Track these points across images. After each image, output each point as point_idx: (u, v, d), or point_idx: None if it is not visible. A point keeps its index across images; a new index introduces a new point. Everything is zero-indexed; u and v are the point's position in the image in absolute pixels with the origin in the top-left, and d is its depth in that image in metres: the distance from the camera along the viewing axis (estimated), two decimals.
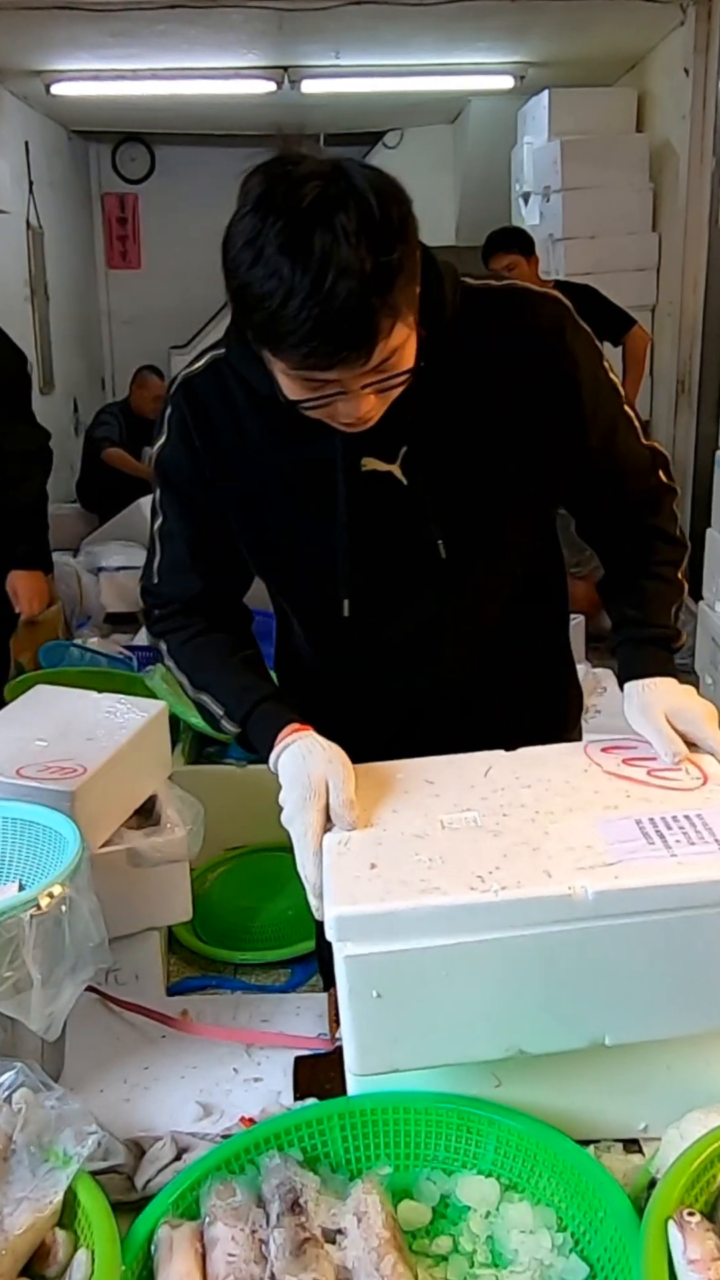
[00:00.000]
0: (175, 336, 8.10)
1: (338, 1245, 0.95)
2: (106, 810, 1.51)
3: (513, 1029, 1.01)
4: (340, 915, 0.98)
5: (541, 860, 1.02)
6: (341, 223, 1.00)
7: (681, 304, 5.38)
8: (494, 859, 1.02)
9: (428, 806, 1.14)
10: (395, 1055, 1.02)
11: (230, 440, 1.29)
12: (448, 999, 0.99)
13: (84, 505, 6.29)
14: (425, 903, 0.97)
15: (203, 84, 6.15)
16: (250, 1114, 1.16)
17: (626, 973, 0.99)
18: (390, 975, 0.98)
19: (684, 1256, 0.85)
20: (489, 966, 0.98)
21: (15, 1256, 0.92)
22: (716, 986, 1.00)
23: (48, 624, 4.50)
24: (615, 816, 1.08)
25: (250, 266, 1.03)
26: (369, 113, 7.12)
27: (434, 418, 1.25)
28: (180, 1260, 0.93)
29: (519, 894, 0.97)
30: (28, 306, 6.50)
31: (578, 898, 0.97)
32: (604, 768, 1.19)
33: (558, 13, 5.08)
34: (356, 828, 1.11)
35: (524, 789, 1.15)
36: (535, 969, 0.99)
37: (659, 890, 0.97)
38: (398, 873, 1.02)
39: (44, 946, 1.11)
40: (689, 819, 1.07)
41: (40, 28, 5.10)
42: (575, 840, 1.04)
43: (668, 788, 1.13)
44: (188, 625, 1.37)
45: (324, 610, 1.34)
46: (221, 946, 2.48)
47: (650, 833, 1.05)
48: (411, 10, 4.89)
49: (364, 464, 1.26)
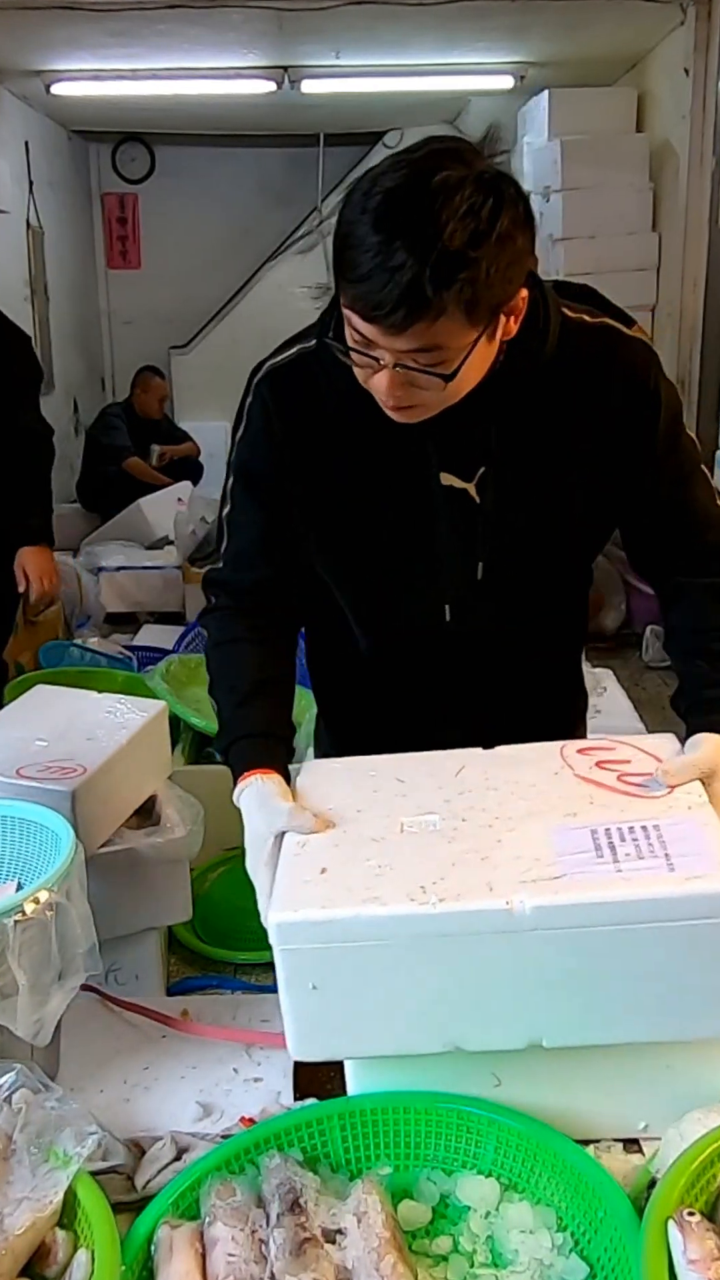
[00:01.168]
0: (175, 336, 8.11)
1: (338, 1245, 0.95)
2: (106, 810, 1.51)
3: (449, 1027, 1.02)
4: (280, 922, 1.00)
5: (487, 871, 1.02)
6: (450, 203, 1.03)
7: (681, 304, 5.38)
8: (441, 868, 1.03)
9: (392, 807, 1.15)
10: (332, 1044, 1.05)
11: (313, 434, 1.30)
12: (383, 996, 1.01)
13: (84, 505, 6.30)
14: (364, 912, 0.99)
15: (203, 84, 6.15)
16: (250, 1114, 1.16)
17: (563, 981, 1.00)
18: (326, 969, 1.00)
19: (684, 1256, 0.85)
20: (425, 969, 1.00)
21: (15, 1256, 0.92)
22: (655, 998, 1.00)
23: (48, 624, 4.51)
24: (572, 825, 1.07)
25: (354, 194, 1.08)
26: (369, 113, 7.12)
27: (516, 443, 1.27)
28: (180, 1260, 0.93)
29: (456, 906, 0.98)
30: (28, 306, 6.49)
31: (515, 911, 0.97)
32: (575, 770, 1.18)
33: (558, 13, 5.08)
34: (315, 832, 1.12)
35: (490, 791, 1.15)
36: (471, 974, 1.00)
37: (597, 907, 0.97)
38: (345, 879, 1.03)
39: (30, 953, 1.11)
40: (644, 829, 1.06)
41: (40, 28, 5.10)
42: (526, 849, 1.04)
43: (632, 795, 1.13)
44: (230, 626, 1.37)
45: (379, 616, 1.37)
46: (221, 946, 2.47)
47: (602, 844, 1.04)
48: (411, 10, 4.89)
49: (442, 479, 1.28)
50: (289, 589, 1.40)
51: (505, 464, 1.28)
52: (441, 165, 1.05)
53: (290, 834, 1.12)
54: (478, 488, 1.28)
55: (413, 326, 1.06)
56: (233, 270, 8.00)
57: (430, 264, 1.03)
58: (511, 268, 1.08)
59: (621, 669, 4.06)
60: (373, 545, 1.34)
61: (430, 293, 1.03)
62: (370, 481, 1.30)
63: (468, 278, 1.04)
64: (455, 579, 1.33)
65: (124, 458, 6.09)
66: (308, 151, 7.72)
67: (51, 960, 1.14)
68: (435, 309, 1.05)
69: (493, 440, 1.26)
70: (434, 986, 1.00)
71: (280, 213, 7.91)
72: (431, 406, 1.18)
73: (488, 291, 1.07)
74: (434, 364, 1.11)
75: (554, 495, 1.30)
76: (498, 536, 1.31)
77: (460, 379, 1.13)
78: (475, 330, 1.10)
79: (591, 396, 1.27)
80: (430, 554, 1.32)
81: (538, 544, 1.32)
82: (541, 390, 1.25)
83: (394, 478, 1.29)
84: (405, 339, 1.08)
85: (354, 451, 1.30)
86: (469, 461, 1.28)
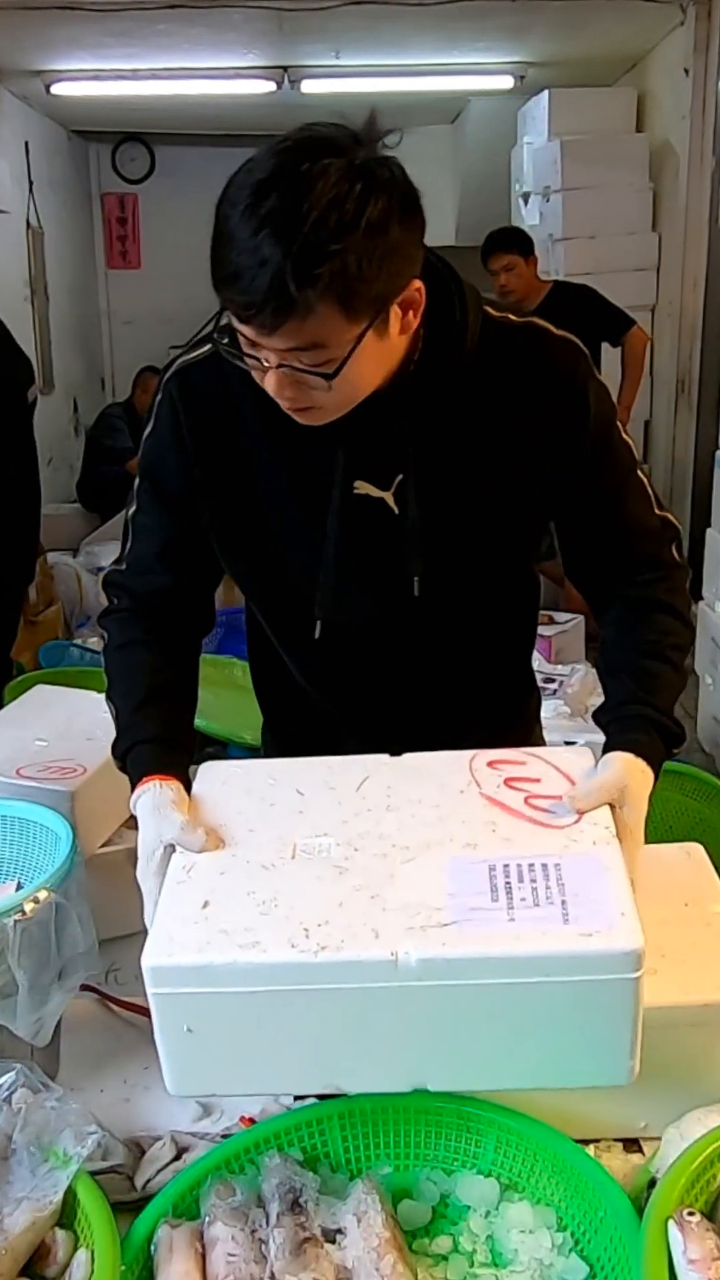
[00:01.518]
0: (175, 336, 8.03)
1: (338, 1245, 0.95)
2: (106, 810, 1.51)
3: (330, 1070, 0.99)
4: (154, 966, 0.95)
5: (375, 913, 0.96)
6: (312, 193, 0.97)
7: (681, 304, 5.39)
8: (328, 908, 0.97)
9: (287, 827, 1.09)
10: (211, 1082, 1.01)
11: (222, 439, 1.25)
12: (262, 1039, 0.97)
13: (84, 505, 6.31)
14: (241, 959, 0.94)
15: (203, 84, 6.15)
16: (250, 1114, 1.16)
17: (449, 1029, 0.96)
18: (202, 1013, 0.96)
19: (684, 1256, 0.85)
20: (305, 1015, 0.95)
21: (15, 1256, 0.92)
22: (542, 1048, 0.96)
23: (48, 624, 4.51)
24: (470, 858, 1.02)
25: (229, 187, 1.02)
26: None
27: (435, 449, 1.21)
28: (180, 1260, 0.93)
29: (338, 956, 0.93)
30: (28, 306, 6.50)
31: (400, 963, 0.92)
32: (482, 789, 1.12)
33: (557, 13, 5.08)
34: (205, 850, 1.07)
35: (389, 813, 1.10)
36: (354, 1021, 0.96)
37: (485, 961, 0.92)
38: (226, 916, 0.98)
39: (29, 952, 1.11)
40: (544, 869, 0.99)
41: (40, 28, 5.10)
42: (418, 888, 0.99)
43: (537, 822, 1.07)
44: (130, 628, 1.33)
45: (295, 627, 1.31)
46: None
47: (499, 884, 0.98)
48: (411, 10, 4.90)
49: (357, 487, 1.22)
50: (190, 597, 1.35)
51: (425, 471, 1.21)
52: (312, 153, 0.99)
53: (178, 856, 1.07)
54: (395, 497, 1.22)
55: (284, 325, 1.00)
56: None
57: (292, 257, 0.97)
58: (390, 259, 1.02)
59: None
60: (279, 558, 1.29)
61: (294, 289, 0.98)
62: (279, 491, 1.25)
63: (334, 270, 0.98)
64: (380, 594, 1.27)
65: (127, 459, 6.10)
66: None
67: (51, 960, 1.14)
68: (303, 305, 0.99)
69: (411, 446, 1.19)
70: (314, 1032, 0.96)
71: None
72: (329, 408, 1.11)
73: (362, 284, 1.00)
74: (317, 363, 1.04)
75: (479, 502, 1.23)
76: (420, 547, 1.23)
77: (352, 378, 1.07)
78: (356, 325, 1.03)
79: (516, 397, 1.20)
80: (346, 568, 1.25)
81: (463, 554, 1.26)
82: (462, 392, 1.18)
83: (304, 487, 1.23)
84: (281, 338, 1.02)
85: (265, 459, 1.24)
86: (386, 469, 1.21)
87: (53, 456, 6.90)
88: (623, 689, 1.22)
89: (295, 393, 1.09)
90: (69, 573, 5.21)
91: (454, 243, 6.89)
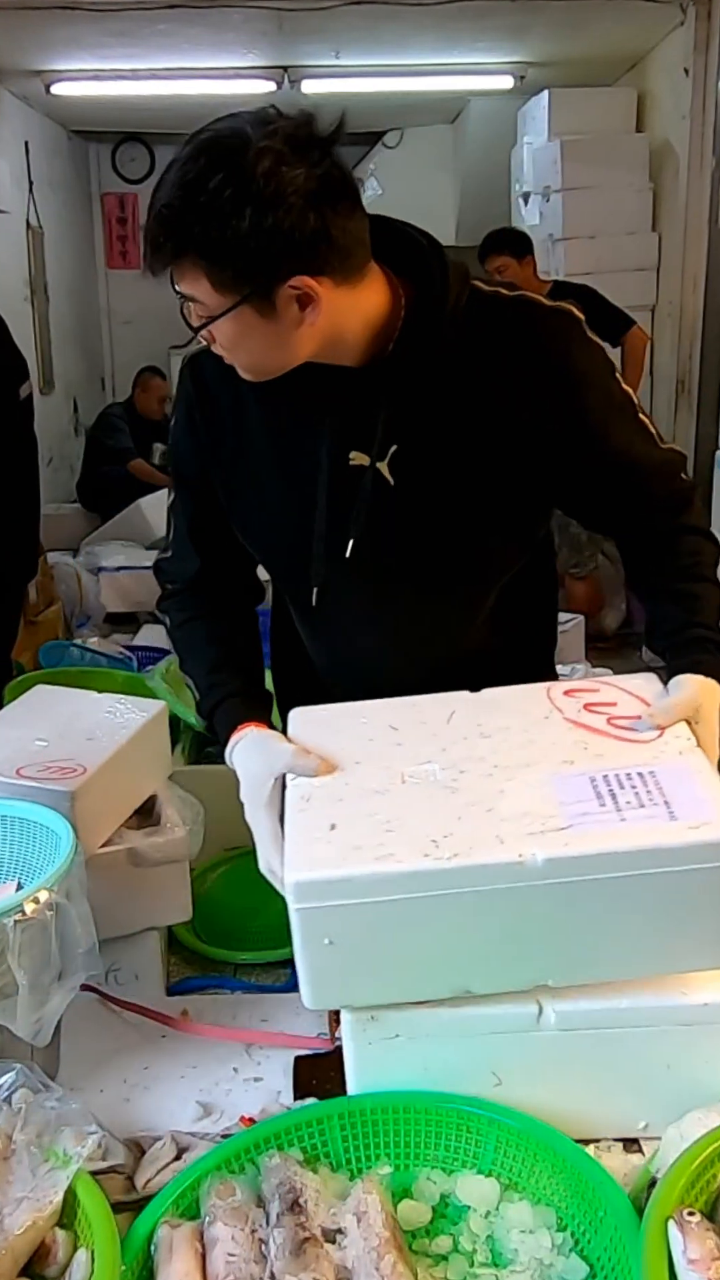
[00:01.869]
0: (175, 336, 7.96)
1: (338, 1245, 0.95)
2: (106, 810, 1.50)
3: (458, 974, 1.05)
4: (298, 881, 1.02)
5: (494, 823, 1.04)
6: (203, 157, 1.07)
7: (681, 304, 5.38)
8: (449, 822, 1.05)
9: (390, 758, 1.16)
10: (346, 994, 1.07)
11: (229, 417, 1.32)
12: (395, 948, 1.03)
13: (84, 505, 6.30)
14: (380, 869, 1.01)
15: (203, 84, 6.15)
16: (250, 1114, 1.16)
17: (570, 926, 1.03)
18: (341, 925, 1.02)
19: (684, 1256, 0.85)
20: (438, 921, 1.02)
21: (15, 1256, 0.92)
22: (655, 937, 1.04)
23: (48, 624, 4.51)
24: (570, 773, 1.10)
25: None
26: (369, 113, 7.11)
27: (429, 420, 1.24)
28: (180, 1260, 0.93)
29: (470, 861, 1.00)
30: (28, 306, 6.49)
31: (527, 864, 1.00)
32: (564, 714, 1.20)
33: (557, 13, 5.08)
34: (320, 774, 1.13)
35: (483, 739, 1.17)
36: (482, 924, 1.03)
37: (606, 857, 1.00)
38: (355, 836, 1.05)
39: (30, 952, 1.11)
40: (641, 777, 1.08)
41: (40, 28, 5.10)
42: (529, 800, 1.07)
43: (624, 739, 1.15)
44: (186, 606, 1.42)
45: (297, 597, 1.38)
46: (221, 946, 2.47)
47: (603, 792, 1.07)
48: (411, 10, 4.89)
49: (351, 458, 1.26)
50: (227, 574, 1.43)
51: (419, 441, 1.26)
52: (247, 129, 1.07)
53: (293, 787, 1.12)
54: (391, 467, 1.26)
55: (159, 260, 1.11)
56: None
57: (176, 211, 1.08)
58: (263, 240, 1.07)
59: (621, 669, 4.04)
60: (278, 530, 1.35)
61: (163, 236, 1.09)
62: (275, 465, 1.31)
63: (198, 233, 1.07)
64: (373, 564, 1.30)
65: (127, 459, 6.10)
66: None
67: (51, 960, 1.14)
68: (167, 253, 1.10)
69: (400, 418, 1.24)
70: (446, 937, 1.03)
71: None
72: (242, 367, 1.20)
73: (223, 256, 1.08)
74: (200, 316, 1.15)
75: (475, 472, 1.27)
76: (414, 517, 1.28)
77: (245, 347, 1.16)
78: (223, 296, 1.11)
79: (507, 370, 1.24)
80: (337, 538, 1.28)
81: (456, 524, 1.29)
82: (450, 364, 1.22)
83: (298, 460, 1.28)
84: (177, 281, 1.13)
85: (262, 435, 1.31)
86: (379, 439, 1.25)
87: (53, 456, 6.90)
88: (671, 615, 1.30)
89: (225, 349, 1.19)
90: (69, 573, 5.20)
91: (454, 242, 6.90)
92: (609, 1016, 1.06)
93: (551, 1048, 1.07)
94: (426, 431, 1.25)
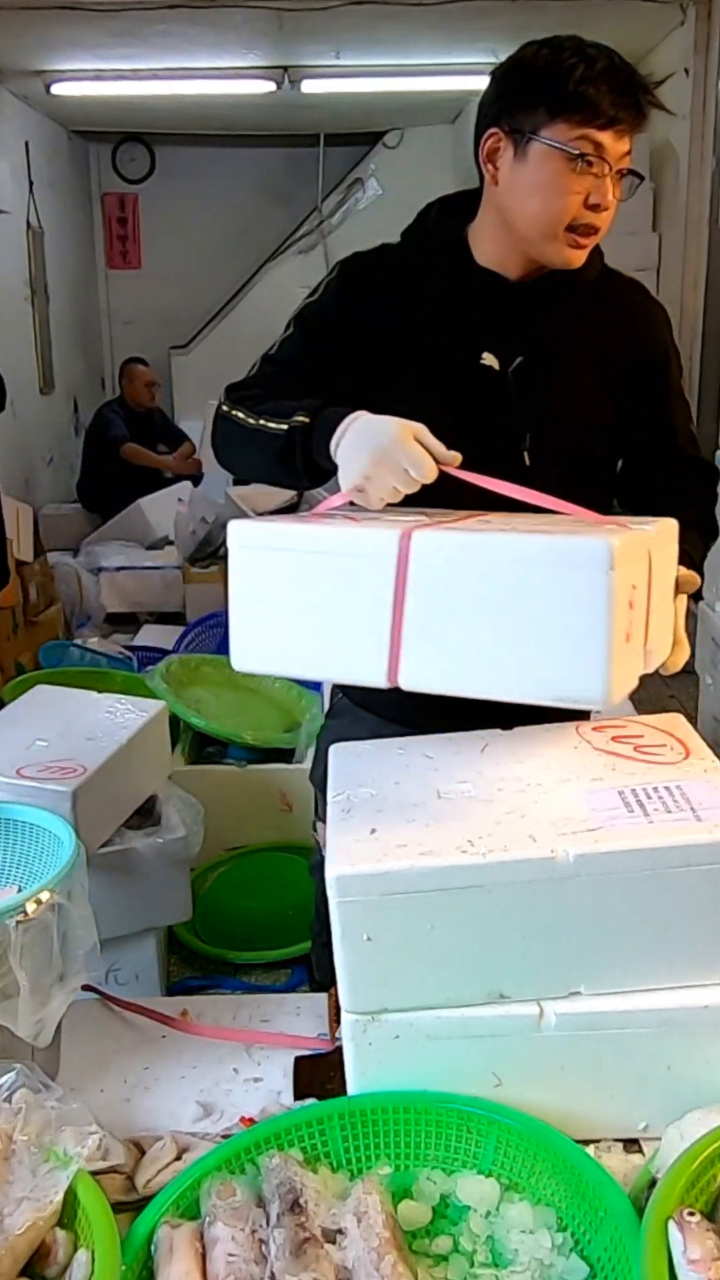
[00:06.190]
0: (175, 336, 8.10)
1: (338, 1245, 0.95)
2: (106, 810, 1.51)
3: (494, 974, 1.07)
4: (339, 875, 1.04)
5: (528, 826, 1.09)
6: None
7: (681, 304, 5.38)
8: (485, 826, 1.09)
9: (427, 779, 1.21)
10: (384, 996, 1.08)
11: (377, 307, 1.45)
12: (433, 947, 1.06)
13: (84, 505, 6.30)
14: (419, 864, 1.04)
15: (203, 84, 6.15)
16: (250, 1114, 1.16)
17: (602, 927, 1.06)
18: (380, 921, 1.05)
19: (684, 1256, 0.85)
20: (473, 915, 1.05)
21: (15, 1256, 0.92)
22: (685, 941, 1.06)
23: (48, 624, 4.51)
24: (600, 787, 1.15)
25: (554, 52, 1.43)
26: (369, 113, 7.11)
27: (551, 345, 1.46)
28: (180, 1260, 0.93)
29: (505, 856, 1.04)
30: (28, 306, 6.49)
31: (559, 859, 1.03)
32: (593, 745, 1.26)
33: (558, 13, 5.08)
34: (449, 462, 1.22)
35: (517, 764, 1.23)
36: (517, 920, 1.05)
37: (635, 853, 1.04)
38: (395, 837, 1.09)
39: (31, 954, 1.11)
40: (668, 789, 1.13)
41: (40, 28, 5.10)
42: (561, 809, 1.11)
43: (651, 761, 1.20)
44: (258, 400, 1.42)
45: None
46: (221, 946, 2.47)
47: (631, 802, 1.11)
48: (411, 10, 4.89)
49: (483, 358, 1.44)
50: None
51: (541, 358, 1.45)
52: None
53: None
54: (515, 375, 1.44)
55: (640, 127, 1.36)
56: (233, 270, 8.00)
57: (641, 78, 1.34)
58: None
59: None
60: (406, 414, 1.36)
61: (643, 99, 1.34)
62: (416, 356, 1.45)
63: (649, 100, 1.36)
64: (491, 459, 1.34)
65: (120, 445, 6.08)
66: (308, 152, 7.71)
67: (53, 961, 1.14)
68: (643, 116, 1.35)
69: (534, 333, 1.44)
70: (481, 936, 1.06)
71: (280, 213, 7.90)
72: (604, 228, 1.42)
73: None
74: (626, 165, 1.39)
75: (583, 391, 1.48)
76: (530, 418, 1.45)
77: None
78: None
79: (628, 327, 1.51)
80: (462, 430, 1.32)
81: (568, 438, 1.48)
82: (582, 305, 1.47)
83: (438, 355, 1.44)
84: (628, 141, 1.35)
85: (411, 330, 1.45)
86: (508, 351, 1.44)
87: (53, 456, 6.90)
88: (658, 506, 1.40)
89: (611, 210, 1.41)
90: (69, 573, 5.20)
91: None
92: (609, 1018, 1.07)
93: (551, 1048, 1.07)
94: (550, 353, 1.45)
